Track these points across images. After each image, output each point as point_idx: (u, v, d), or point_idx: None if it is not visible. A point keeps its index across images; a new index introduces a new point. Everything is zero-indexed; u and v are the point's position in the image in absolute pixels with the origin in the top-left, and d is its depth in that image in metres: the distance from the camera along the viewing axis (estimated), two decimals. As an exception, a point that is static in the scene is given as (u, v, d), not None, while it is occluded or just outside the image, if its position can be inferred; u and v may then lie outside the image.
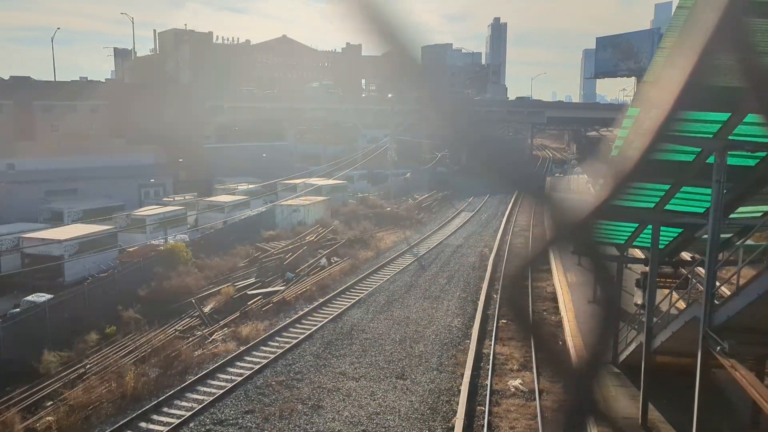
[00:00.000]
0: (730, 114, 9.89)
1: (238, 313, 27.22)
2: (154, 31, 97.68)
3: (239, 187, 54.36)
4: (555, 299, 30.13)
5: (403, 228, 49.36)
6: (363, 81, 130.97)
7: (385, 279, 34.47)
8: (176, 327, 25.39)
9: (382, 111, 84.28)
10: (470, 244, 44.85)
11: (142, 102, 58.97)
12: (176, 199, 49.31)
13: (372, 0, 0.57)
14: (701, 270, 17.31)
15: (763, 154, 11.02)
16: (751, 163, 11.73)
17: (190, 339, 24.29)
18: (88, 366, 21.25)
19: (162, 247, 34.00)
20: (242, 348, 23.71)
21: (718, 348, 10.87)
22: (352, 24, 0.58)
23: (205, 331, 25.42)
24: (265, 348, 24.14)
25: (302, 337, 25.17)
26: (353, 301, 30.22)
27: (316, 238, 41.41)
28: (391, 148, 65.25)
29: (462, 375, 21.56)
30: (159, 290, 28.61)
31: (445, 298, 31.18)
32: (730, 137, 10.31)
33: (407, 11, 0.61)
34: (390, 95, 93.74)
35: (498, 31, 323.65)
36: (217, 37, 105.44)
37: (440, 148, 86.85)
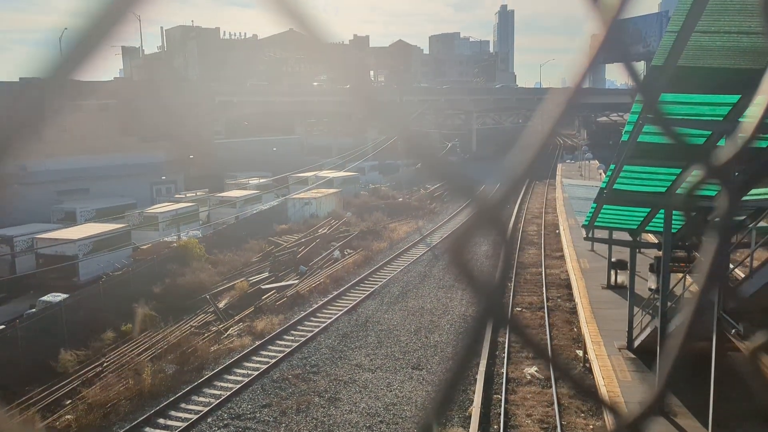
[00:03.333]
0: (740, 96, 9.78)
1: (252, 308, 27.37)
2: (161, 28, 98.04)
3: (250, 182, 54.54)
4: (569, 286, 30.03)
5: (415, 218, 49.34)
6: (371, 72, 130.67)
7: (399, 270, 34.50)
8: (191, 323, 25.58)
9: (391, 102, 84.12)
10: (482, 232, 44.73)
11: (152, 99, 59.17)
12: (188, 195, 49.55)
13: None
14: (715, 253, 17.12)
15: (775, 134, 10.87)
16: (763, 144, 11.59)
17: (206, 335, 24.46)
18: (105, 364, 21.47)
19: (175, 244, 34.21)
20: (258, 342, 23.85)
21: (733, 331, 10.81)
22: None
23: (220, 326, 25.58)
24: (280, 342, 24.27)
25: (317, 330, 25.27)
26: (368, 292, 30.28)
27: (328, 230, 41.49)
28: (401, 138, 65.09)
29: (477, 364, 21.58)
30: (173, 287, 28.80)
31: (459, 288, 31.16)
32: (740, 119, 10.19)
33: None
34: (395, 86, 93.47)
35: (505, 18, 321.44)
36: (224, 32, 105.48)
37: (450, 137, 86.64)
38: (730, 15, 8.98)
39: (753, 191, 13.45)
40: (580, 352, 22.21)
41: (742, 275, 14.12)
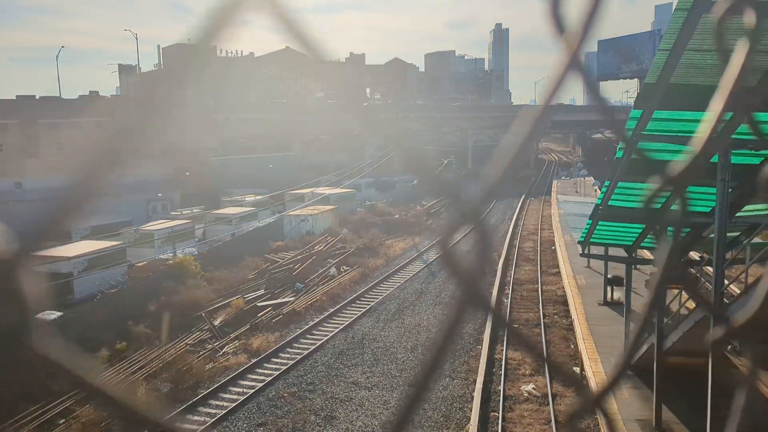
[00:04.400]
0: (732, 113, 9.85)
1: (248, 326, 27.26)
2: (158, 46, 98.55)
3: (246, 199, 54.54)
4: (565, 302, 30.01)
5: (411, 235, 49.31)
6: (367, 90, 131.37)
7: (396, 286, 34.44)
8: (187, 341, 25.45)
9: (388, 119, 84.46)
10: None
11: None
12: (184, 212, 49.49)
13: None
14: (710, 269, 17.22)
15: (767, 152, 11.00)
16: (756, 161, 11.67)
17: (201, 353, 24.33)
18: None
19: (171, 261, 34.12)
20: (253, 360, 23.73)
21: (729, 347, 10.80)
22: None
23: (215, 344, 25.46)
24: (276, 360, 24.14)
25: (313, 347, 25.16)
26: (364, 309, 30.19)
27: (325, 247, 41.45)
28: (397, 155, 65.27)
29: (474, 381, 21.49)
30: (169, 305, 28.68)
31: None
32: (733, 136, 10.28)
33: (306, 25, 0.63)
34: (389, 101, 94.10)
35: (500, 37, 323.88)
36: (221, 50, 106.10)
37: (447, 154, 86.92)
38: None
39: (747, 207, 13.52)
40: (577, 369, 22.14)
41: (738, 291, 14.15)
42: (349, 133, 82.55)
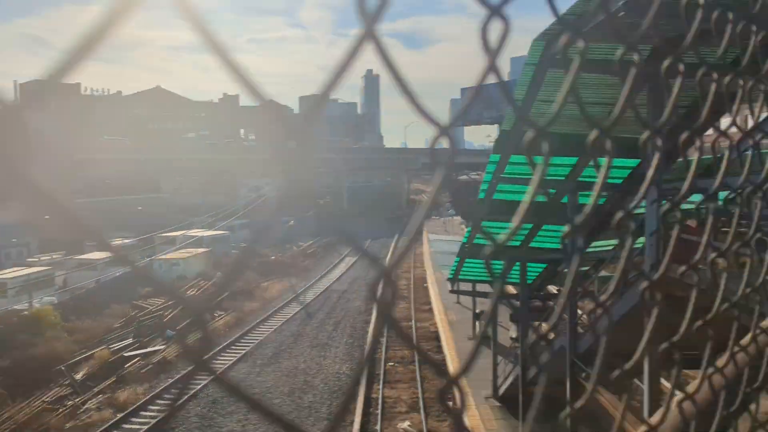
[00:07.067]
0: (577, 158, 10.89)
1: (114, 378, 25.73)
2: (15, 81, 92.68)
3: (113, 243, 51.83)
4: (438, 338, 30.87)
5: (288, 276, 48.89)
6: (242, 131, 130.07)
7: (272, 330, 33.91)
8: (44, 398, 23.59)
9: (265, 160, 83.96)
10: (354, 288, 45.15)
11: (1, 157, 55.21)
12: (42, 258, 46.21)
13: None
14: (567, 301, 18.45)
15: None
16: (600, 201, 12.88)
17: (60, 410, 22.63)
18: (-59, 449, 19.27)
19: (27, 312, 31.66)
20: (119, 415, 22.37)
21: (584, 375, 11.67)
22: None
23: (77, 400, 23.78)
24: (144, 413, 22.91)
25: (185, 397, 24.14)
26: (239, 355, 29.44)
27: (197, 292, 40.13)
28: (272, 196, 64.90)
29: (352, 422, 21.51)
30: (23, 360, 26.50)
31: (333, 345, 31.12)
32: (579, 179, 11.32)
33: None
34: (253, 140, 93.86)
35: (371, 82, 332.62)
36: (86, 87, 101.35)
37: (323, 195, 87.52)
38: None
39: (594, 243, 14.80)
40: (451, 404, 22.77)
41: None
42: (223, 174, 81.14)
